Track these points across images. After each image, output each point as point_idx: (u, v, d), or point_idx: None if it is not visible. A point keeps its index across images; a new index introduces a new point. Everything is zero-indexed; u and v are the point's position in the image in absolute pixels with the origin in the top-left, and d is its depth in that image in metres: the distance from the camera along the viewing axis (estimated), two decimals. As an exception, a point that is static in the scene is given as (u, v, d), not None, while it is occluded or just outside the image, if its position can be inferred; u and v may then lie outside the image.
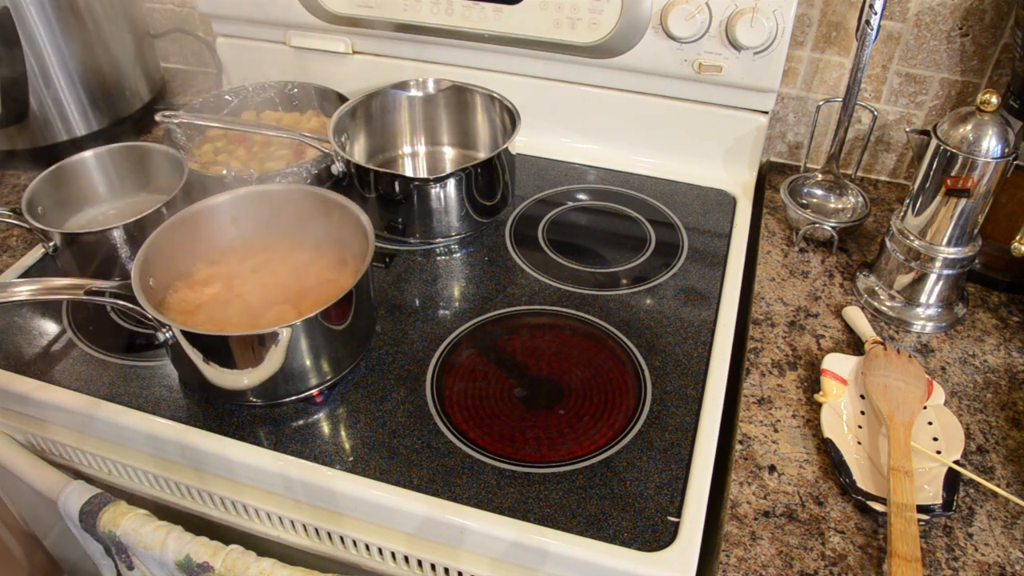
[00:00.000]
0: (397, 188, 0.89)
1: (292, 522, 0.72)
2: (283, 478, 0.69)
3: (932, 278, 0.81)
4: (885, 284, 0.85)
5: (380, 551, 0.70)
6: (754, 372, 0.78)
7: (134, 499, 0.77)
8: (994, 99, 0.73)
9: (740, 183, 1.04)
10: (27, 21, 1.00)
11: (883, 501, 0.64)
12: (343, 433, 0.72)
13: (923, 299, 0.83)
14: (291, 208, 0.83)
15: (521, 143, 1.10)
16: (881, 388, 0.72)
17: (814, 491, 0.67)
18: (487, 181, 0.92)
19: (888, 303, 0.84)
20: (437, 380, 0.76)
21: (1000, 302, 0.87)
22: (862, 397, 0.74)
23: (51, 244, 0.84)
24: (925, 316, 0.83)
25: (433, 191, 0.89)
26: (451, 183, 0.89)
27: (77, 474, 0.81)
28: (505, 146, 0.91)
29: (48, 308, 0.86)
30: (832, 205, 0.97)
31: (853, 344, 0.81)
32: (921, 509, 0.64)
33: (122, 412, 0.74)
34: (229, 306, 0.78)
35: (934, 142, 0.77)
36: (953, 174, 0.76)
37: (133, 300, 0.69)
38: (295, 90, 1.13)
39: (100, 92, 1.10)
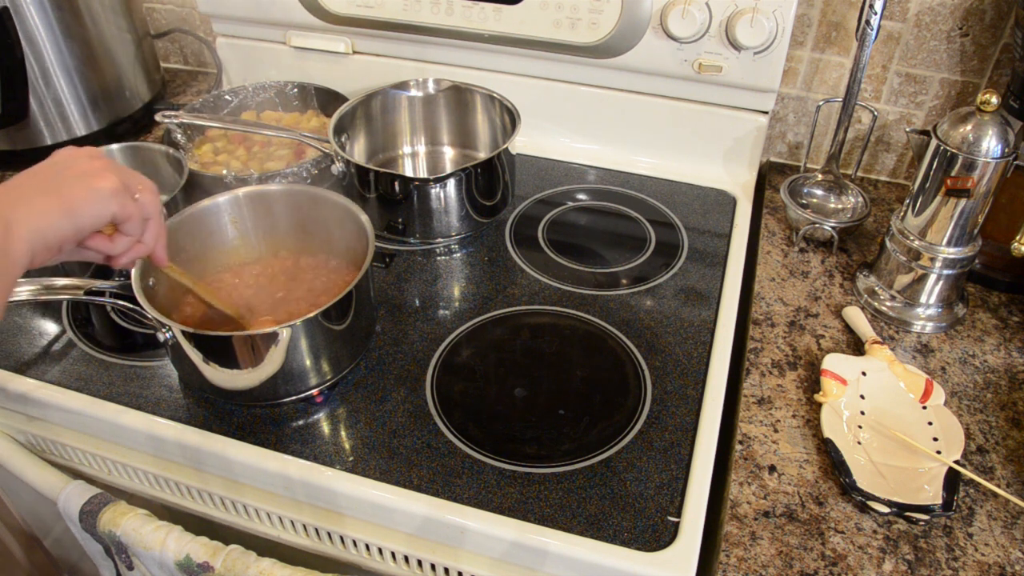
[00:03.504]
0: (397, 188, 0.89)
1: (292, 522, 0.72)
2: (283, 478, 0.69)
3: (932, 278, 0.81)
4: (885, 284, 0.85)
5: (380, 551, 0.70)
6: (754, 372, 0.78)
7: (134, 499, 0.77)
8: (994, 99, 0.73)
9: (740, 183, 1.04)
10: (27, 21, 1.00)
11: (883, 501, 0.64)
12: (343, 433, 0.72)
13: (923, 299, 0.83)
14: (291, 208, 0.83)
15: (521, 143, 1.10)
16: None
17: (814, 491, 0.67)
18: (487, 181, 0.92)
19: (888, 303, 0.84)
20: (437, 380, 0.76)
21: (1000, 302, 0.87)
22: (862, 397, 0.74)
23: (51, 244, 0.84)
24: (925, 316, 0.83)
25: (433, 191, 0.89)
26: (451, 183, 0.89)
27: (77, 474, 0.81)
28: (505, 146, 0.91)
29: (48, 308, 0.86)
30: (832, 205, 0.97)
31: (853, 344, 0.81)
32: (921, 509, 0.64)
33: (122, 412, 0.74)
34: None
35: (934, 142, 0.77)
36: (953, 174, 0.76)
37: (133, 300, 0.69)
38: (295, 90, 1.13)
39: (100, 92, 1.10)
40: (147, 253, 0.62)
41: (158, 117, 0.99)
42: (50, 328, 0.84)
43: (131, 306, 0.70)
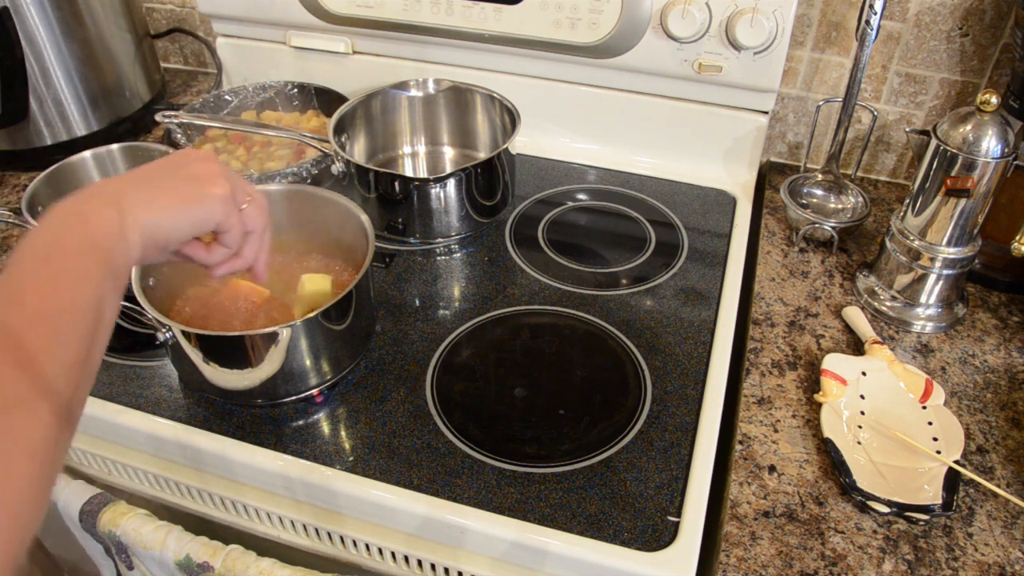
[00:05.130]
0: (397, 188, 0.89)
1: (292, 522, 0.72)
2: (283, 478, 0.69)
3: (932, 278, 0.81)
4: (885, 284, 0.85)
5: (380, 551, 0.70)
6: (754, 372, 0.78)
7: (134, 499, 0.77)
8: (994, 99, 0.73)
9: (740, 183, 1.04)
10: (27, 21, 0.99)
11: (883, 501, 0.64)
12: (343, 433, 0.72)
13: (923, 299, 0.83)
14: (291, 208, 0.83)
15: (521, 143, 1.10)
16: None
17: (814, 491, 0.67)
18: (487, 181, 0.92)
19: (888, 303, 0.84)
20: (437, 380, 0.76)
21: (1000, 302, 0.87)
22: (862, 397, 0.74)
23: (51, 244, 0.84)
24: (925, 316, 0.83)
25: (433, 191, 0.89)
26: (451, 183, 0.89)
27: (77, 474, 0.81)
28: (505, 146, 0.91)
29: (48, 308, 0.86)
30: (832, 205, 0.97)
31: (853, 344, 0.81)
32: (921, 509, 0.64)
33: (122, 412, 0.74)
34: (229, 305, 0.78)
35: (934, 142, 0.77)
36: (953, 174, 0.76)
37: (133, 300, 0.69)
38: (295, 90, 1.13)
39: (100, 92, 1.10)
40: (245, 267, 0.60)
41: (158, 117, 0.98)
42: (50, 328, 0.84)
43: (131, 306, 0.70)
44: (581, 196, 1.03)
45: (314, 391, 0.75)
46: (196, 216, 0.51)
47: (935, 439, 0.69)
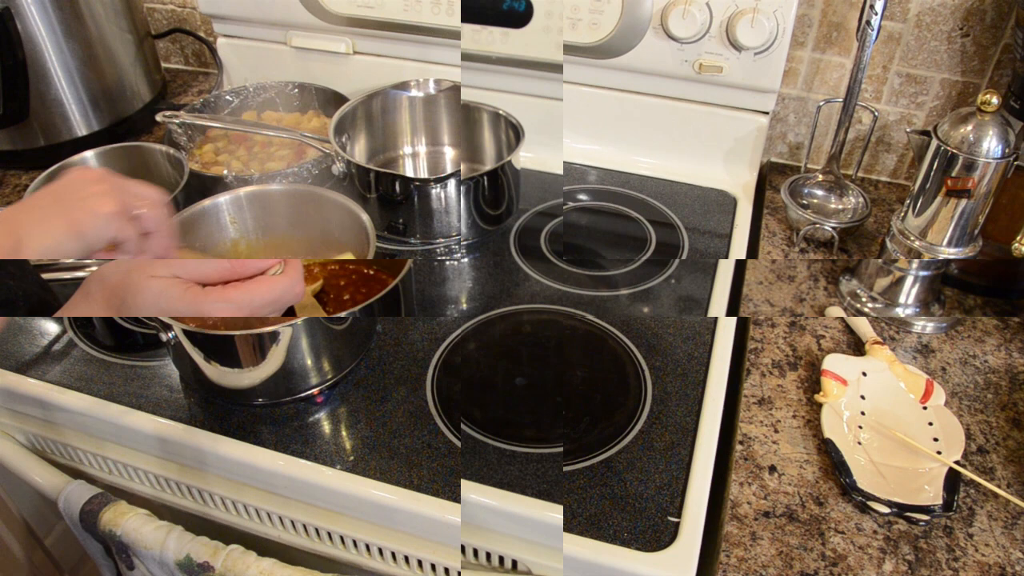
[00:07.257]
0: (398, 188, 0.89)
1: (292, 522, 0.72)
2: (283, 478, 0.69)
3: (932, 278, 0.81)
4: (885, 284, 0.85)
5: (380, 551, 0.70)
6: (754, 372, 0.78)
7: (134, 499, 0.77)
8: (994, 99, 0.73)
9: (740, 183, 1.04)
10: (27, 21, 1.00)
11: (883, 501, 0.64)
12: (343, 433, 0.72)
13: (923, 299, 0.83)
14: (292, 208, 0.83)
15: (523, 155, 1.10)
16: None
17: (814, 491, 0.67)
18: (491, 187, 0.92)
19: (888, 303, 0.84)
20: (437, 380, 0.76)
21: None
22: (863, 398, 0.74)
23: (52, 244, 0.84)
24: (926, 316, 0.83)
25: (433, 191, 0.89)
26: (451, 184, 0.89)
27: (78, 474, 0.81)
28: (509, 159, 0.91)
29: (49, 308, 0.86)
30: (832, 206, 0.97)
31: (853, 344, 0.81)
32: (921, 509, 0.64)
33: (123, 412, 0.74)
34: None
35: (934, 143, 0.77)
36: (953, 175, 0.76)
37: (134, 300, 0.69)
38: (295, 90, 1.13)
39: (100, 92, 1.10)
40: None
41: (159, 117, 0.99)
42: (51, 328, 0.84)
43: (132, 306, 0.70)
44: (581, 196, 1.03)
45: (315, 391, 0.75)
46: (88, 237, 0.56)
47: (935, 439, 0.69)
